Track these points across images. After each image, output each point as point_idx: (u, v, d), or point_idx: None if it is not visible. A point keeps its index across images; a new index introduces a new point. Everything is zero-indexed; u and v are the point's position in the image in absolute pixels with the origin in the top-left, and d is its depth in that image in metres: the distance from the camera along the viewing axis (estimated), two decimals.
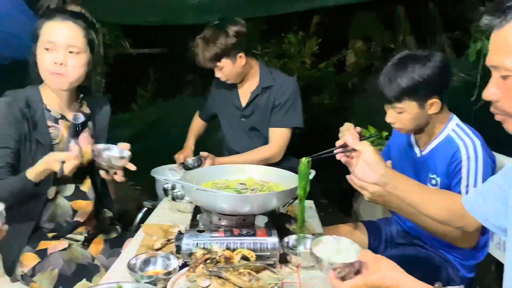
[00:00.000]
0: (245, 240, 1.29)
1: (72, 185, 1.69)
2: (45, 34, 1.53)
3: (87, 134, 1.73)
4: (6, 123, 1.51)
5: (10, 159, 1.53)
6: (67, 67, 1.53)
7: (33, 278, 1.54)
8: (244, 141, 2.24)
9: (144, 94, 4.58)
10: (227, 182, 1.57)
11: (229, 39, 1.99)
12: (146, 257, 1.25)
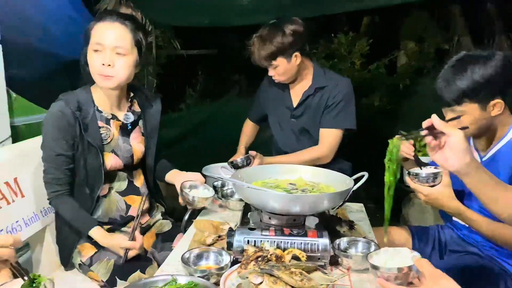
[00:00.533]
0: (296, 240, 1.29)
1: (125, 181, 1.77)
2: (94, 36, 1.59)
3: (138, 132, 1.79)
4: (61, 129, 1.59)
5: (67, 164, 1.63)
6: (114, 68, 1.58)
7: (91, 268, 1.62)
8: (293, 142, 2.24)
9: (193, 94, 4.69)
10: (276, 182, 1.57)
11: (286, 37, 1.99)
12: (199, 252, 1.28)
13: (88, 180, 1.66)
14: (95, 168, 1.65)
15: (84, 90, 1.69)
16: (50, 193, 1.63)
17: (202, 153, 3.96)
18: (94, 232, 1.59)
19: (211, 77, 4.89)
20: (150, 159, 1.83)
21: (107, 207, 1.73)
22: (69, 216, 1.62)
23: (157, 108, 1.85)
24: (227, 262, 1.23)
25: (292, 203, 1.30)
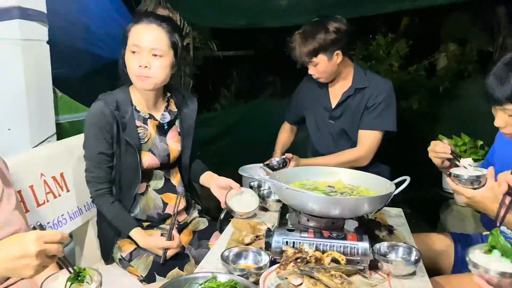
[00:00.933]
0: (335, 243, 1.28)
1: (162, 179, 1.81)
2: (132, 38, 1.62)
3: (174, 132, 1.83)
4: (101, 129, 1.63)
5: (108, 163, 1.68)
6: (151, 70, 1.61)
7: (130, 263, 1.66)
8: (330, 143, 2.21)
9: (228, 95, 4.72)
10: (315, 184, 1.56)
11: (329, 35, 1.98)
12: (238, 251, 1.29)
13: (126, 178, 1.71)
14: (132, 167, 1.69)
15: (122, 91, 1.74)
16: (92, 191, 1.69)
17: (235, 153, 4.00)
18: (134, 233, 1.64)
19: (246, 78, 4.92)
20: (186, 158, 1.86)
21: (145, 205, 1.77)
22: (111, 216, 1.67)
23: (193, 108, 1.88)
24: (266, 262, 1.23)
25: (332, 206, 1.29)
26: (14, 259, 0.84)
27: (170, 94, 1.84)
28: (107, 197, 1.68)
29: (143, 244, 1.63)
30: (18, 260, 0.84)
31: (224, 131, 4.27)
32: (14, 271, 0.85)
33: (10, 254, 0.84)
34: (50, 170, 1.71)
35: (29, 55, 2.24)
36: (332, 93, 2.20)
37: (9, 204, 1.17)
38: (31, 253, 0.84)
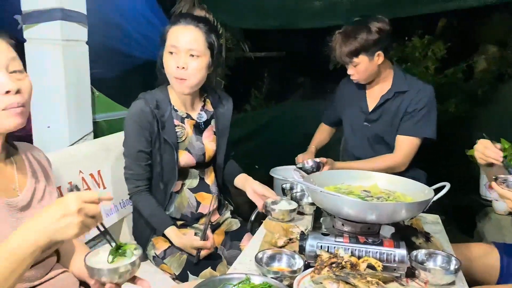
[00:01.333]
0: (371, 249, 1.25)
1: (196, 178, 1.83)
2: (170, 39, 1.64)
3: (210, 131, 1.84)
4: (141, 127, 1.66)
5: (147, 161, 1.70)
6: (188, 71, 1.62)
7: (164, 260, 1.68)
8: (366, 147, 2.17)
9: (258, 96, 4.73)
10: (350, 188, 1.54)
11: (371, 35, 1.93)
12: (272, 253, 1.28)
13: (163, 176, 1.73)
14: (169, 165, 1.71)
15: (161, 90, 1.77)
16: (130, 188, 1.72)
17: (265, 155, 4.00)
18: (169, 232, 1.66)
19: (277, 79, 4.91)
20: (220, 158, 1.87)
21: (179, 203, 1.79)
22: (147, 213, 1.70)
23: (229, 108, 1.89)
24: (300, 265, 1.22)
25: (369, 211, 1.26)
26: (56, 220, 0.86)
27: (206, 94, 1.85)
28: (144, 194, 1.71)
29: (178, 243, 1.65)
30: (61, 220, 0.86)
31: (254, 132, 4.28)
32: (59, 232, 0.87)
33: (53, 216, 0.87)
34: (88, 167, 1.75)
35: (69, 55, 2.31)
36: (370, 95, 2.15)
37: (51, 201, 1.20)
38: (72, 211, 0.86)
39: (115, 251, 1.00)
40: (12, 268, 0.87)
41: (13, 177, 1.13)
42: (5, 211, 1.04)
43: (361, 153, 2.16)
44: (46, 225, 0.87)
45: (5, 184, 1.09)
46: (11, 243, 0.88)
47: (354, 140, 2.23)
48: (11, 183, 1.11)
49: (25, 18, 2.32)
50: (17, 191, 1.11)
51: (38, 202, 1.15)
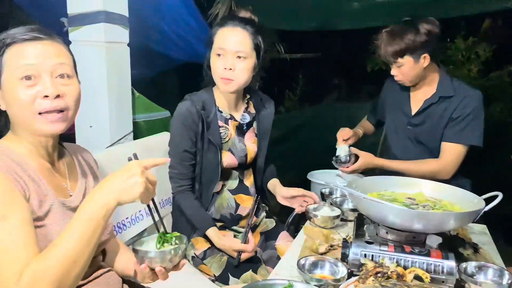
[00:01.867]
0: (418, 259, 1.21)
1: (236, 180, 1.83)
2: (217, 41, 1.66)
3: (252, 133, 1.85)
4: (186, 127, 1.69)
5: (191, 160, 1.73)
6: (235, 72, 1.63)
7: (204, 261, 1.69)
8: (408, 149, 2.09)
9: (292, 98, 4.70)
10: (393, 195, 1.50)
11: (419, 36, 1.87)
12: (314, 260, 1.26)
13: (206, 176, 1.75)
14: (213, 165, 1.73)
15: (206, 91, 1.79)
16: (174, 187, 1.75)
17: (299, 157, 3.96)
18: (211, 232, 1.67)
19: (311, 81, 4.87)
20: (261, 160, 1.88)
21: (219, 204, 1.80)
22: (190, 213, 1.71)
23: (271, 111, 1.89)
24: (343, 274, 1.19)
25: (416, 220, 1.22)
26: (123, 181, 0.94)
27: (249, 96, 1.86)
28: (187, 194, 1.73)
29: (219, 244, 1.65)
30: (128, 180, 0.94)
31: (288, 134, 4.25)
32: (126, 190, 0.94)
33: (119, 178, 0.95)
34: None
35: (112, 56, 2.37)
36: (414, 98, 2.08)
37: None
38: (136, 171, 0.94)
39: (162, 237, 1.06)
40: (90, 235, 0.92)
41: (65, 177, 1.16)
42: (60, 211, 1.07)
43: (403, 155, 2.09)
44: (114, 187, 0.94)
45: (58, 184, 1.12)
46: (84, 211, 0.94)
47: (396, 141, 2.17)
48: (64, 184, 1.14)
49: (70, 20, 2.40)
50: (69, 192, 1.14)
51: None
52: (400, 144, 2.13)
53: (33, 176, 1.03)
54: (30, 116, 1.02)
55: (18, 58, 1.01)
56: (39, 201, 1.02)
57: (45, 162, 1.11)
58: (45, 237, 1.01)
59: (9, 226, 0.92)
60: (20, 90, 1.01)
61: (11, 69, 1.01)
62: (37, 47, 1.03)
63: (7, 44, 1.02)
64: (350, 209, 1.69)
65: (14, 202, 0.95)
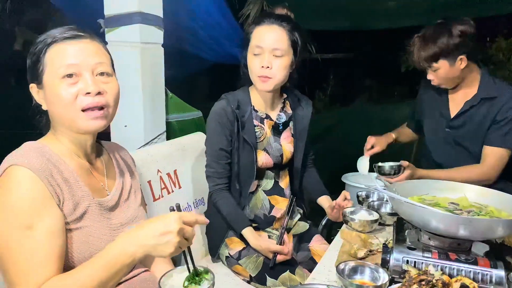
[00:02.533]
0: (464, 267, 1.16)
1: (272, 180, 1.81)
2: (254, 39, 1.64)
3: (288, 133, 1.83)
4: (222, 126, 1.69)
5: (227, 159, 1.72)
6: (272, 70, 1.62)
7: (239, 261, 1.68)
8: (448, 153, 2.02)
9: (323, 98, 4.65)
10: (435, 199, 1.44)
11: (452, 39, 1.79)
12: (354, 265, 1.23)
13: (240, 175, 1.74)
14: (248, 165, 1.72)
15: (242, 91, 1.78)
16: (211, 186, 1.75)
17: (329, 159, 3.90)
18: (246, 232, 1.66)
19: (343, 81, 4.80)
20: (297, 161, 1.85)
21: (253, 204, 1.79)
22: (226, 211, 1.71)
23: (308, 111, 1.86)
24: (385, 280, 1.15)
25: (462, 226, 1.16)
26: (158, 235, 0.90)
27: (286, 96, 1.84)
28: (224, 193, 1.73)
29: (255, 244, 1.64)
30: (162, 237, 0.90)
31: (318, 135, 4.20)
32: (157, 248, 0.91)
33: (155, 231, 0.91)
34: (166, 167, 1.80)
35: (146, 57, 2.40)
36: (453, 100, 2.00)
37: (136, 200, 1.23)
38: (173, 230, 0.90)
39: (192, 278, 1.00)
40: (109, 277, 0.92)
41: (103, 176, 1.17)
42: (97, 211, 1.07)
43: (442, 159, 2.02)
44: (147, 240, 0.91)
45: (96, 183, 1.13)
46: (110, 253, 0.92)
47: (434, 145, 2.09)
48: (101, 183, 1.15)
49: (107, 22, 2.44)
50: (107, 191, 1.15)
51: (125, 201, 1.19)
52: (439, 148, 2.05)
53: (69, 178, 1.03)
54: (73, 113, 1.03)
55: (59, 57, 1.03)
56: (74, 204, 1.01)
57: (83, 162, 1.12)
58: (81, 239, 1.02)
59: (35, 237, 0.92)
60: (63, 88, 1.02)
61: (53, 68, 1.03)
62: (77, 46, 1.05)
63: (48, 43, 1.04)
64: (388, 213, 1.64)
65: (43, 210, 0.94)
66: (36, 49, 1.04)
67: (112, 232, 1.08)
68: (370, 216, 1.58)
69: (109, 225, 1.09)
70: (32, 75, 1.06)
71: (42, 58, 1.03)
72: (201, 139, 2.09)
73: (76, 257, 1.01)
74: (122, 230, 1.12)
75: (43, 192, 0.95)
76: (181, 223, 0.91)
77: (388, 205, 1.71)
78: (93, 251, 1.02)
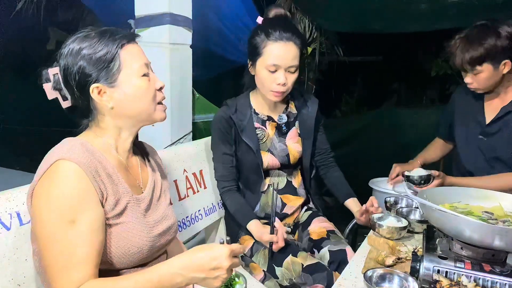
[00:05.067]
0: (499, 280, 1.11)
1: (284, 179, 1.81)
2: (270, 57, 1.62)
3: (294, 133, 1.84)
4: (222, 131, 1.74)
5: (231, 163, 1.77)
6: (287, 85, 1.66)
7: (252, 258, 1.70)
8: (480, 161, 1.94)
9: (350, 101, 4.59)
10: (468, 208, 1.39)
11: (500, 40, 1.70)
12: (382, 273, 1.19)
13: (249, 177, 1.78)
14: (254, 166, 1.76)
15: (243, 96, 1.83)
16: (220, 189, 1.79)
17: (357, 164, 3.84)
18: (251, 225, 1.67)
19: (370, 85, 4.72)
20: (306, 160, 1.86)
21: (264, 203, 1.81)
22: (233, 209, 1.74)
23: (313, 110, 1.86)
24: None
25: (497, 237, 1.12)
26: (209, 270, 0.91)
27: (290, 96, 1.84)
28: (232, 193, 1.76)
29: (256, 237, 1.66)
30: (212, 271, 0.91)
31: (344, 139, 4.14)
32: (205, 281, 0.92)
33: (207, 265, 0.91)
34: (192, 167, 1.81)
35: (175, 58, 2.42)
36: (488, 106, 1.92)
37: (165, 199, 1.25)
38: (225, 266, 0.91)
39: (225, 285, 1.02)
40: None
41: (138, 174, 1.18)
42: (135, 208, 1.09)
43: (474, 167, 1.94)
44: (197, 273, 0.91)
45: (133, 180, 1.14)
46: (156, 273, 0.93)
47: (467, 153, 2.00)
48: (137, 180, 1.16)
49: (137, 22, 2.48)
50: (142, 188, 1.16)
51: (157, 200, 1.20)
52: (471, 155, 1.97)
53: (112, 174, 1.05)
54: (153, 106, 1.13)
55: (135, 57, 1.09)
56: (115, 200, 1.03)
57: (121, 160, 1.13)
58: (120, 235, 1.03)
59: (78, 232, 0.94)
60: (147, 84, 1.10)
61: (131, 67, 1.08)
62: (138, 47, 1.12)
63: (122, 44, 1.07)
64: (417, 220, 1.60)
65: (87, 205, 0.96)
66: (108, 51, 1.05)
67: (148, 229, 1.09)
68: (398, 223, 1.54)
69: (145, 222, 1.10)
70: (98, 75, 1.05)
71: (117, 58, 1.06)
72: None
73: (114, 252, 1.02)
74: (157, 227, 1.13)
75: (88, 187, 0.97)
76: (232, 259, 0.92)
77: (417, 212, 1.66)
78: (130, 247, 1.04)
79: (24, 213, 1.10)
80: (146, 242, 1.07)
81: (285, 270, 1.59)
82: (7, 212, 1.08)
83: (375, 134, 4.07)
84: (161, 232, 1.14)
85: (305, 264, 1.56)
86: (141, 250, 1.06)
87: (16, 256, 1.08)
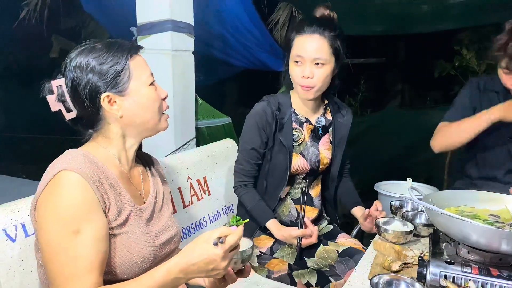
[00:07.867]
0: (507, 285, 1.09)
1: (301, 189, 1.78)
2: (295, 48, 1.62)
3: (327, 139, 1.80)
4: (259, 126, 1.69)
5: (257, 160, 1.73)
6: (313, 79, 1.60)
7: (273, 255, 1.70)
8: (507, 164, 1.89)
9: (353, 104, 4.57)
10: (474, 211, 1.37)
11: None
12: (389, 279, 1.18)
13: (274, 179, 1.74)
14: (282, 168, 1.71)
15: (284, 94, 1.78)
16: (236, 181, 1.76)
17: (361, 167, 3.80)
18: (270, 224, 1.65)
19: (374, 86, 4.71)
20: (334, 169, 1.82)
21: (281, 211, 1.79)
22: (250, 204, 1.71)
23: (348, 119, 1.83)
24: None
25: (504, 241, 1.11)
26: (207, 271, 0.94)
27: (327, 102, 1.82)
28: (248, 188, 1.74)
29: (278, 235, 1.63)
30: (211, 272, 0.94)
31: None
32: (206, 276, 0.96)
33: (204, 269, 0.93)
34: (196, 173, 1.80)
35: (177, 64, 2.43)
36: None
37: (168, 208, 1.25)
38: (222, 266, 0.94)
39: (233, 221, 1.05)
40: None
41: (140, 184, 1.18)
42: (138, 217, 1.09)
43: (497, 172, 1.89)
44: (197, 274, 0.95)
45: (135, 191, 1.14)
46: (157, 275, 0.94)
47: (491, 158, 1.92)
48: (139, 191, 1.17)
49: (139, 30, 2.49)
50: (144, 198, 1.16)
51: (159, 210, 1.20)
52: (496, 158, 1.89)
53: (114, 184, 1.05)
54: (159, 116, 1.15)
55: (142, 67, 1.11)
56: (118, 210, 1.03)
57: (124, 170, 1.14)
58: (123, 244, 1.03)
59: (82, 242, 0.94)
60: (154, 94, 1.12)
61: (140, 77, 1.09)
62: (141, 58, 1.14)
63: (131, 55, 1.09)
64: (423, 224, 1.58)
65: (91, 215, 0.96)
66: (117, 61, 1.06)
67: (151, 239, 1.10)
68: (404, 227, 1.53)
69: (148, 231, 1.10)
70: (108, 85, 1.06)
71: (127, 67, 1.07)
72: (230, 146, 2.10)
73: (118, 262, 1.03)
74: (160, 237, 1.14)
75: (92, 198, 0.97)
76: (227, 256, 0.94)
77: (423, 216, 1.65)
78: (134, 257, 1.04)
79: (29, 224, 1.10)
80: (150, 252, 1.07)
81: (319, 260, 1.60)
82: (12, 224, 1.09)
83: (379, 136, 4.05)
84: (164, 241, 1.14)
85: (339, 250, 1.60)
86: (144, 260, 1.06)
87: (22, 267, 1.09)
